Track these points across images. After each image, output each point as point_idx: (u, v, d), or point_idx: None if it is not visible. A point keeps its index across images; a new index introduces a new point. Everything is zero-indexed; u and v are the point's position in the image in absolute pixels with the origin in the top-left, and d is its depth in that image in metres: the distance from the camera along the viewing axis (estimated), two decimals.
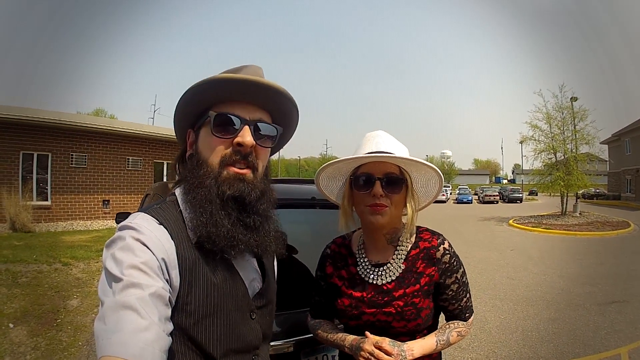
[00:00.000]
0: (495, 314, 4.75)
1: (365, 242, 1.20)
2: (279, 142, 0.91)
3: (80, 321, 4.10)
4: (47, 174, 11.04)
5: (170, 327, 0.67)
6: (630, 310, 4.76)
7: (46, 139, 10.88)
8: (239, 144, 0.79)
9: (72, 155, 11.42)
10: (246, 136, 0.79)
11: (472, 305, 1.20)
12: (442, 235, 1.17)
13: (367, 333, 1.07)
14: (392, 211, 1.09)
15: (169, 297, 0.69)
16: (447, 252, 1.12)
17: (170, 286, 0.70)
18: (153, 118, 33.45)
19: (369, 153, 1.09)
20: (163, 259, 0.70)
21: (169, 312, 0.68)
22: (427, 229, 1.18)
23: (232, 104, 0.82)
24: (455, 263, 1.13)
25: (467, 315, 1.18)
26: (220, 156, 0.80)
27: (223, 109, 0.81)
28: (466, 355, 3.61)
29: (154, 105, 51.05)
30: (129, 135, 12.55)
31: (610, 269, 7.26)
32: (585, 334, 4.06)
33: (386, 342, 1.03)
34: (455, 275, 1.13)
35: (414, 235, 1.16)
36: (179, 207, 0.80)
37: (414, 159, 1.07)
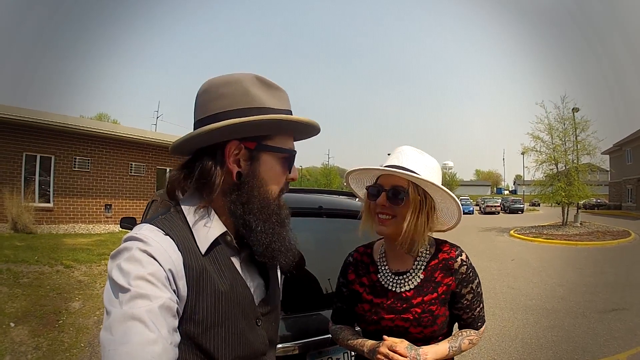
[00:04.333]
0: (495, 322, 4.75)
1: (386, 252, 1.25)
2: None
3: (82, 323, 4.11)
4: (49, 176, 11.10)
5: (177, 338, 0.68)
6: (630, 318, 4.78)
7: (50, 141, 10.96)
8: (292, 179, 0.90)
9: (75, 158, 11.51)
10: (296, 172, 0.91)
11: (484, 315, 1.25)
12: (460, 247, 1.22)
13: (385, 336, 1.11)
14: (397, 222, 1.14)
15: (177, 307, 0.69)
16: (464, 263, 1.17)
17: (177, 296, 0.71)
18: (155, 125, 33.35)
19: (389, 166, 1.15)
20: (170, 270, 0.70)
21: (176, 322, 0.69)
22: (446, 241, 1.23)
23: (284, 136, 0.87)
24: (471, 274, 1.18)
25: (479, 324, 1.23)
26: (281, 187, 0.87)
27: (280, 142, 0.85)
28: None
29: (157, 111, 51.10)
30: (133, 140, 12.63)
31: (610, 278, 7.26)
32: (585, 340, 4.07)
33: (402, 344, 1.08)
34: (470, 285, 1.18)
35: (434, 246, 1.21)
36: (185, 217, 0.80)
37: (418, 177, 1.10)
